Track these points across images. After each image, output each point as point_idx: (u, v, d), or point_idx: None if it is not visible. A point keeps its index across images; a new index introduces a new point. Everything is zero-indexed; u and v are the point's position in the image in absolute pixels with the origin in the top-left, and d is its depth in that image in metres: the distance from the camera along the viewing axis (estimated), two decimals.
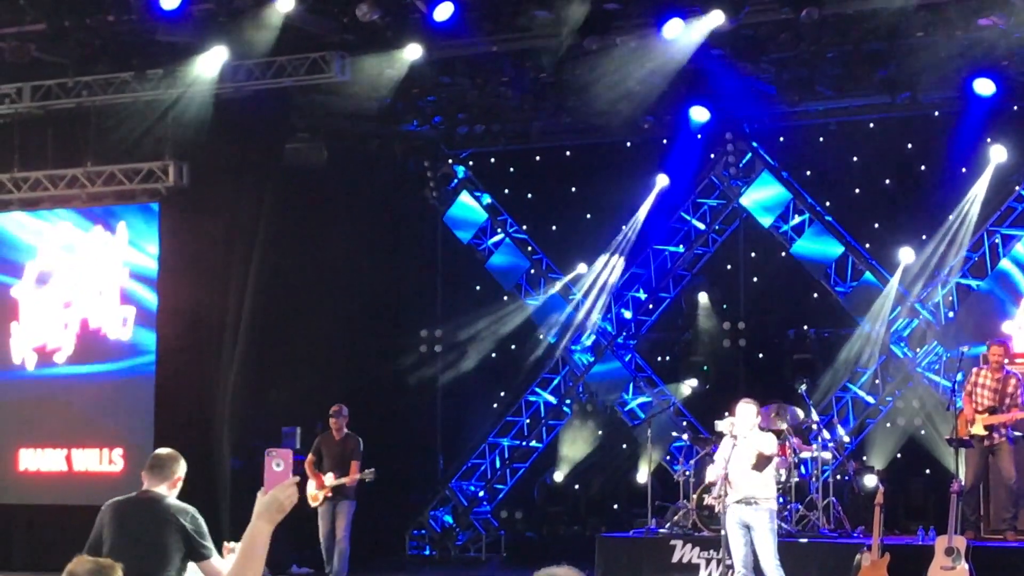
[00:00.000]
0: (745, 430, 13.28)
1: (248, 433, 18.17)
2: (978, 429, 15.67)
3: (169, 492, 8.28)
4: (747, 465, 13.18)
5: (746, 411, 13.38)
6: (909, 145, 19.87)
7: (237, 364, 18.55)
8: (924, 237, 19.55)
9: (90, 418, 19.12)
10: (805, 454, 16.46)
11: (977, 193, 19.11)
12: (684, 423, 20.46)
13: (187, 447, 17.13)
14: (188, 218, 19.02)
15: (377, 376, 20.65)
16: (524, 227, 22.28)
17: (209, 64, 17.81)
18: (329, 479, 16.21)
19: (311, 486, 16.37)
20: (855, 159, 20.24)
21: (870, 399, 20.03)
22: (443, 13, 16.39)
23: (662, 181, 20.95)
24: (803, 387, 17.93)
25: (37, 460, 19.33)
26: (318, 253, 20.12)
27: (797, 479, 16.26)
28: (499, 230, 22.33)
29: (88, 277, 19.42)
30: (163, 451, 8.56)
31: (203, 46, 17.61)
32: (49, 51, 18.08)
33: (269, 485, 4.95)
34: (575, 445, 21.47)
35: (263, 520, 4.95)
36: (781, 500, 15.43)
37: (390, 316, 21.42)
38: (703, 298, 21.17)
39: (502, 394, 22.12)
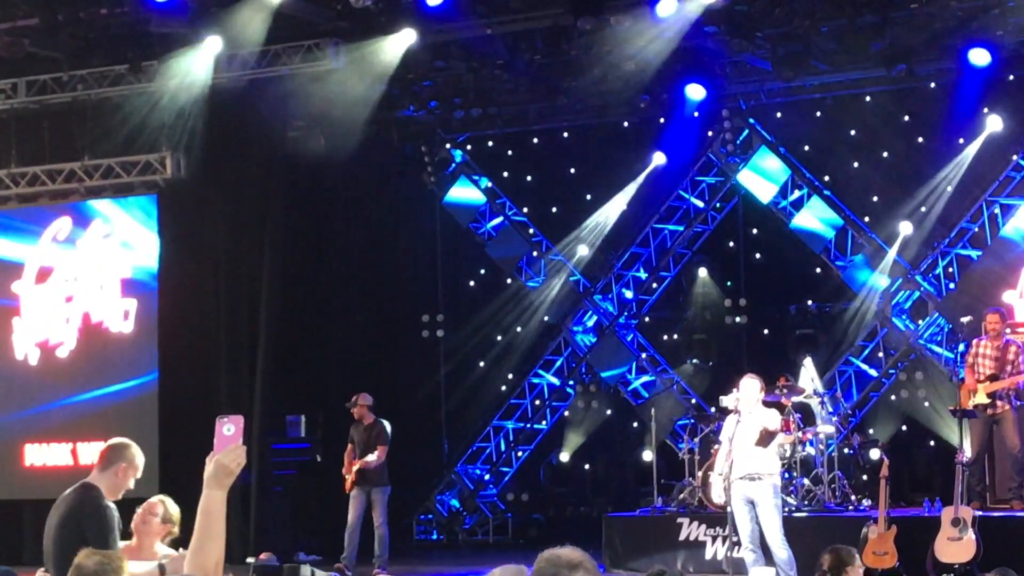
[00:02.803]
0: (749, 405, 13.29)
1: (256, 421, 18.15)
2: (981, 398, 15.66)
3: (112, 482, 8.34)
4: (751, 441, 13.19)
5: (750, 386, 13.39)
6: (906, 117, 19.85)
7: (247, 352, 18.55)
8: (923, 209, 19.57)
9: (94, 411, 19.11)
10: (812, 434, 16.44)
11: (966, 157, 19.14)
12: (690, 401, 20.48)
13: (192, 438, 17.18)
14: (187, 209, 19.00)
15: (379, 362, 20.66)
16: (524, 210, 22.28)
17: (203, 55, 17.79)
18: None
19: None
20: (852, 133, 20.24)
21: (873, 372, 20.06)
22: None
23: (659, 159, 20.96)
24: (806, 362, 17.94)
25: (43, 455, 19.34)
26: (318, 240, 20.12)
27: (802, 454, 16.26)
28: (498, 213, 22.34)
29: (88, 271, 19.41)
30: (112, 441, 8.61)
31: (197, 37, 17.58)
32: (43, 46, 18.05)
33: (218, 449, 4.73)
34: (579, 426, 21.50)
35: (213, 487, 4.73)
36: (786, 475, 15.44)
37: (391, 302, 21.42)
38: (704, 276, 21.18)
39: (506, 377, 22.13)
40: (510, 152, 22.24)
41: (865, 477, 17.13)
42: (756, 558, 13.25)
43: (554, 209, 22.13)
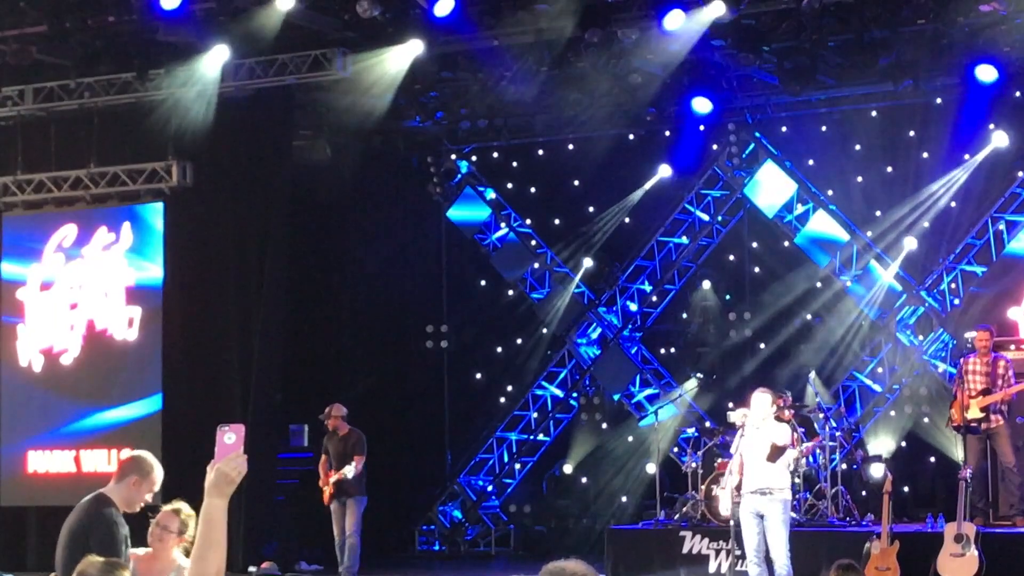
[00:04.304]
0: (759, 420, 13.26)
1: (259, 430, 18.14)
2: (974, 413, 15.72)
3: (125, 495, 8.39)
4: (762, 455, 13.15)
5: (761, 400, 13.36)
6: (911, 132, 19.84)
7: (251, 361, 18.57)
8: (926, 224, 19.58)
9: (98, 419, 19.10)
10: (815, 447, 16.43)
11: (967, 168, 19.16)
12: (694, 414, 20.46)
13: (195, 448, 17.17)
14: (192, 218, 19.01)
15: (384, 372, 20.67)
16: (528, 221, 22.29)
17: (211, 63, 17.83)
18: (333, 476, 16.32)
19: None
20: (857, 147, 20.23)
21: (877, 387, 20.04)
22: (444, 8, 16.41)
23: (665, 172, 20.99)
24: (811, 376, 17.94)
25: (46, 462, 19.33)
26: (323, 250, 20.12)
27: (806, 468, 16.24)
28: (503, 224, 22.35)
29: (93, 278, 19.41)
30: (131, 453, 8.65)
31: (204, 45, 17.62)
32: (51, 53, 18.10)
33: (219, 458, 4.74)
34: (583, 438, 21.48)
35: (214, 495, 4.73)
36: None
37: (395, 312, 21.43)
38: (708, 289, 21.17)
39: (509, 388, 22.13)
40: (515, 163, 22.24)
41: (868, 492, 17.10)
42: (760, 572, 13.24)
43: (557, 221, 22.13)
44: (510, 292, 22.20)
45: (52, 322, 19.51)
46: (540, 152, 21.90)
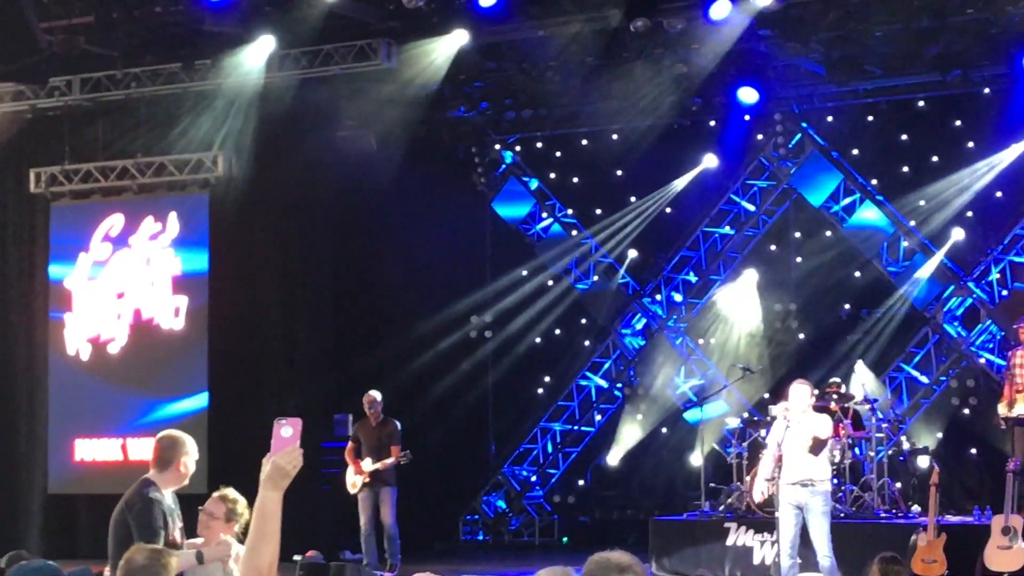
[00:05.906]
0: (799, 412, 13.19)
1: (304, 420, 18.15)
2: (1021, 408, 15.60)
3: (175, 476, 8.54)
4: (802, 447, 13.08)
5: (800, 392, 13.28)
6: (958, 122, 19.72)
7: (295, 351, 18.63)
8: (969, 214, 19.46)
9: (144, 407, 19.21)
10: (864, 438, 16.35)
11: (1006, 158, 19.01)
12: (737, 406, 20.41)
13: (240, 437, 17.22)
14: (238, 207, 19.08)
15: (427, 362, 20.68)
16: (570, 211, 22.26)
17: (256, 54, 17.89)
18: (367, 464, 16.24)
19: (350, 473, 16.42)
20: (904, 137, 20.11)
21: (924, 379, 19.93)
22: None
23: (710, 162, 20.93)
24: (857, 367, 17.87)
25: (93, 450, 19.46)
26: (367, 240, 20.16)
27: (851, 460, 16.18)
28: (547, 215, 22.33)
29: (140, 268, 19.52)
30: (163, 437, 8.71)
31: (250, 36, 17.69)
32: (98, 43, 18.19)
33: (275, 451, 4.78)
34: (627, 428, 21.46)
35: (269, 488, 4.76)
36: (835, 481, 15.35)
37: (440, 302, 21.43)
38: (754, 280, 21.09)
39: (549, 379, 22.13)
40: (559, 153, 22.20)
41: (915, 484, 17.03)
42: (792, 564, 13.16)
43: (599, 211, 22.06)
44: (552, 282, 22.18)
45: (99, 311, 19.62)
46: (584, 142, 21.83)
